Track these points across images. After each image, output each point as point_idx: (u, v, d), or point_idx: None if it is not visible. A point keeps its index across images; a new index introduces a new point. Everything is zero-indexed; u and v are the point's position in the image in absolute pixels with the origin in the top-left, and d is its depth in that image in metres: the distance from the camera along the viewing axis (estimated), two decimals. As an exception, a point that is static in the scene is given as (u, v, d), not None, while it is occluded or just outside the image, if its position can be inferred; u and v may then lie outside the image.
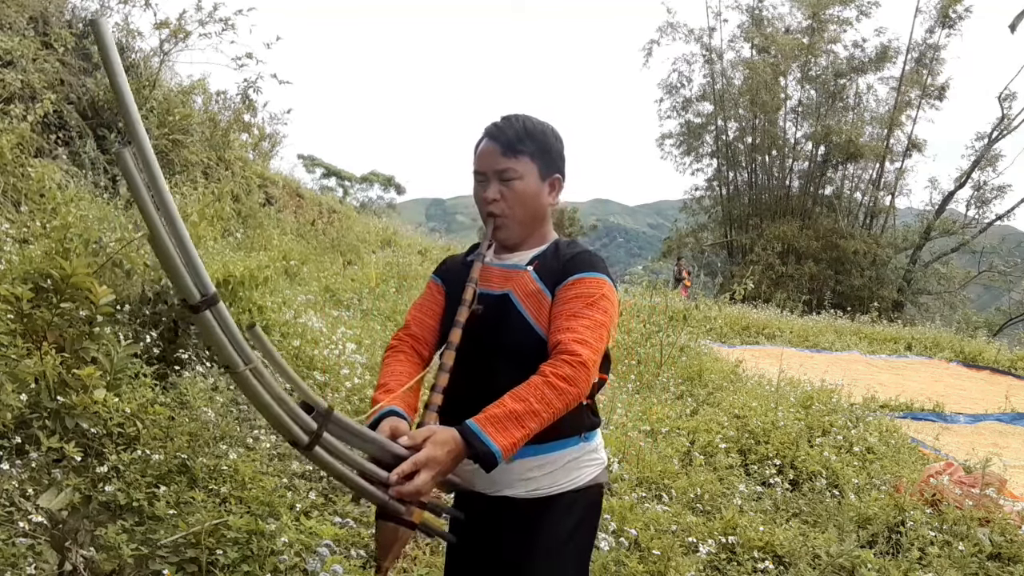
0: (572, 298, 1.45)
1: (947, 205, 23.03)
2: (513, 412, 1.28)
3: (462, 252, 1.75)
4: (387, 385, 1.49)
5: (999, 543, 3.25)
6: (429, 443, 1.23)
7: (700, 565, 2.89)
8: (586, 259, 1.52)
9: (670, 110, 25.73)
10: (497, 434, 1.25)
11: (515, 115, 1.58)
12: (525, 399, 1.30)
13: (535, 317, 1.49)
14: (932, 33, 22.05)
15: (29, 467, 2.44)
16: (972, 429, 6.32)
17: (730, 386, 6.03)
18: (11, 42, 5.66)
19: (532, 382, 1.33)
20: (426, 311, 1.65)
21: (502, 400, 1.31)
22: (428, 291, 1.68)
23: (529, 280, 1.52)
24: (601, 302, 1.45)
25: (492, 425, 1.26)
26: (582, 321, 1.41)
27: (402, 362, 1.56)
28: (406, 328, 1.65)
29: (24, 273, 3.16)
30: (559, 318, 1.44)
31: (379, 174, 32.20)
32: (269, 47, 8.49)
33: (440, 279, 1.68)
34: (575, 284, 1.47)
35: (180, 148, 6.97)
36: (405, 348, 1.60)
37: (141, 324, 3.65)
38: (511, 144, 1.53)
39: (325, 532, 2.50)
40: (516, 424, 1.27)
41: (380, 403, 1.43)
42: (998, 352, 11.49)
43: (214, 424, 3.07)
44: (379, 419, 1.38)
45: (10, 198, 4.73)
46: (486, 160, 1.54)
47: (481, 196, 1.56)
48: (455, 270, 1.65)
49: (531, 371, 1.37)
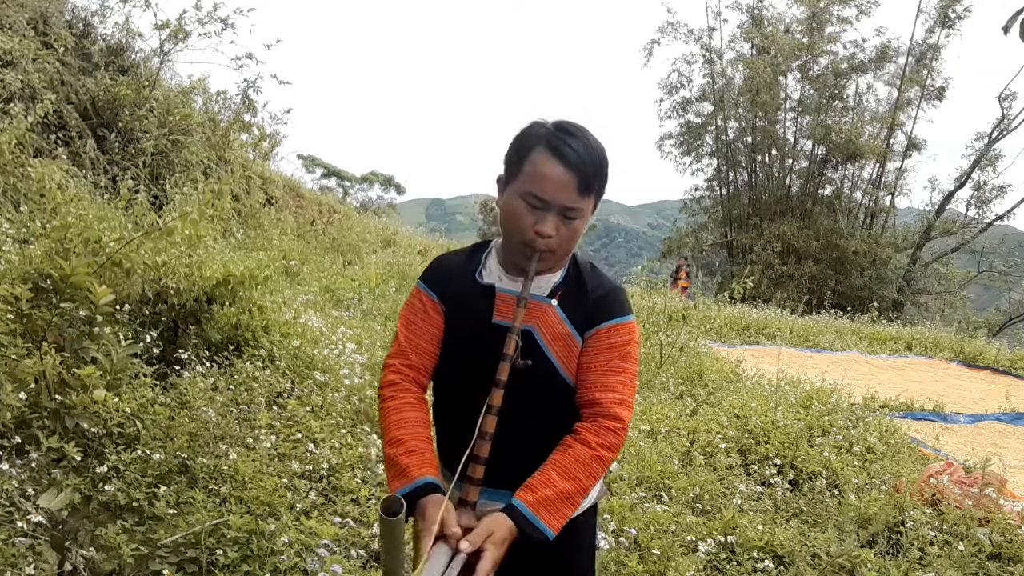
0: (607, 348, 1.36)
1: (947, 205, 23.03)
2: (564, 493, 1.26)
3: (456, 253, 1.53)
4: (405, 442, 1.33)
5: (999, 543, 3.25)
6: (490, 544, 1.19)
7: (700, 565, 2.89)
8: (617, 300, 1.41)
9: (670, 110, 25.76)
10: (552, 518, 1.25)
11: (589, 139, 1.33)
12: (575, 477, 1.27)
13: (563, 363, 1.37)
14: (932, 33, 22.07)
15: (29, 467, 2.45)
16: (972, 429, 6.31)
17: (730, 386, 6.02)
18: (11, 42, 5.66)
19: (580, 456, 1.29)
20: (422, 334, 1.44)
21: (549, 476, 1.27)
22: (421, 307, 1.45)
23: (556, 320, 1.37)
24: (633, 350, 1.39)
25: (546, 509, 1.24)
26: (619, 377, 1.35)
27: (412, 406, 1.39)
28: (402, 355, 1.44)
29: (24, 273, 3.16)
30: (594, 371, 1.35)
31: (379, 174, 32.20)
32: (269, 48, 8.47)
33: (436, 295, 1.45)
34: (610, 333, 1.37)
35: (180, 148, 6.97)
36: (409, 386, 1.42)
37: (141, 324, 3.65)
38: (589, 182, 1.31)
39: (325, 532, 2.50)
40: (567, 504, 1.27)
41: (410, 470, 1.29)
42: (998, 352, 11.48)
43: (214, 424, 3.08)
44: (416, 492, 1.27)
45: (10, 198, 4.73)
46: (558, 192, 1.29)
47: (530, 224, 1.31)
48: (456, 285, 1.44)
49: (553, 418, 1.35)
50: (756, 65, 22.47)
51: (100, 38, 7.11)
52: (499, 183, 1.42)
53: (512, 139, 1.39)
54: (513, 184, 1.34)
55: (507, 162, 1.38)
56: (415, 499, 1.25)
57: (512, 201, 1.33)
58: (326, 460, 3.12)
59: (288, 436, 3.30)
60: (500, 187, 1.41)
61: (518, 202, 1.32)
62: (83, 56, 6.71)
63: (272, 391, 3.75)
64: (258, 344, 4.12)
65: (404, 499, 1.21)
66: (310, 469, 3.06)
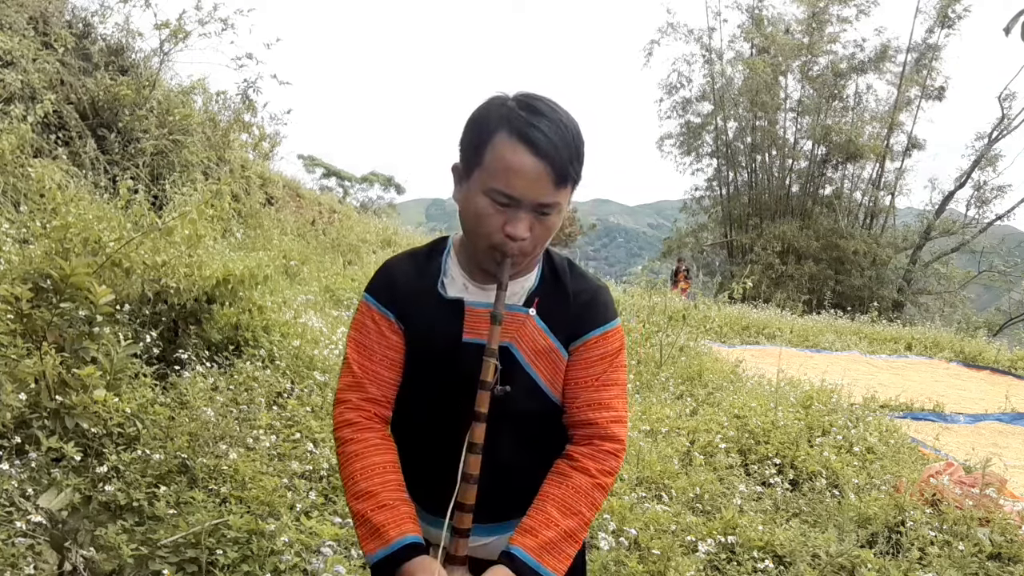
0: (597, 360, 1.22)
1: (947, 205, 23.05)
2: (567, 532, 1.14)
3: (408, 258, 1.29)
4: (375, 495, 1.15)
5: (999, 543, 3.25)
6: None
7: (700, 565, 2.89)
8: (603, 303, 1.25)
9: (670, 110, 25.79)
10: (557, 562, 1.13)
11: (560, 116, 1.11)
12: (577, 511, 1.15)
13: (548, 381, 1.22)
14: (932, 33, 22.09)
15: (29, 467, 2.45)
16: (972, 429, 6.31)
17: (730, 386, 6.02)
18: (11, 42, 5.66)
19: (579, 486, 1.16)
20: (379, 360, 1.23)
21: (549, 515, 1.14)
22: (375, 328, 1.23)
23: (537, 333, 1.20)
24: (622, 357, 1.26)
25: (550, 554, 1.12)
26: (612, 391, 1.22)
27: (377, 448, 1.20)
28: (358, 388, 1.22)
29: (24, 273, 3.16)
30: (585, 388, 1.22)
31: (379, 174, 32.21)
32: (269, 47, 8.48)
33: (391, 312, 1.23)
34: (599, 343, 1.23)
35: (180, 148, 6.97)
36: (371, 423, 1.22)
37: (141, 324, 3.66)
38: (565, 172, 1.10)
39: (325, 532, 2.50)
40: (571, 543, 1.15)
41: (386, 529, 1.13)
42: (998, 352, 11.48)
43: (214, 424, 3.08)
44: (398, 556, 1.11)
45: (10, 198, 4.73)
46: (530, 187, 1.08)
47: (499, 226, 1.11)
48: (415, 300, 1.22)
49: (540, 442, 1.24)
50: (756, 65, 22.48)
51: (100, 38, 7.11)
52: (455, 173, 1.18)
53: (468, 120, 1.16)
54: (474, 177, 1.12)
55: (464, 149, 1.15)
56: (398, 563, 1.10)
57: (475, 198, 1.12)
58: (326, 460, 3.12)
59: (288, 436, 3.30)
60: (457, 177, 1.18)
61: (482, 200, 1.11)
62: (83, 56, 6.71)
63: (272, 391, 3.75)
64: (258, 344, 4.12)
65: (384, 563, 1.10)
66: (310, 469, 3.06)
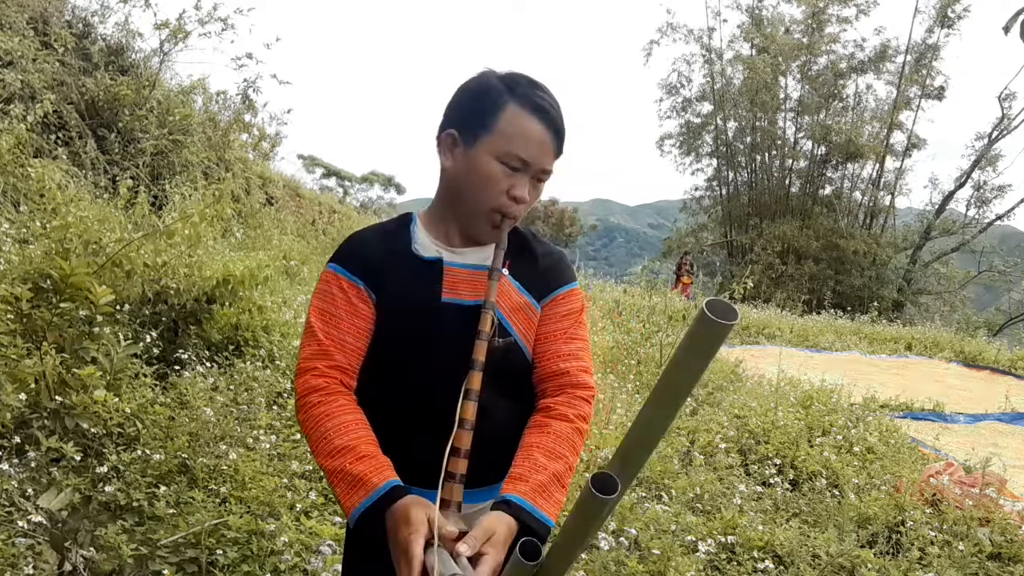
0: (565, 315, 1.30)
1: (947, 205, 23.05)
2: (555, 475, 1.17)
3: (376, 229, 1.33)
4: (353, 448, 1.13)
5: (999, 543, 3.25)
6: (490, 546, 1.03)
7: (700, 565, 2.89)
8: (567, 265, 1.36)
9: (670, 110, 25.82)
10: (548, 505, 1.14)
11: (552, 93, 1.23)
12: (562, 455, 1.18)
13: (524, 337, 1.27)
14: (931, 33, 22.09)
15: (29, 467, 2.45)
16: (972, 429, 6.31)
17: (730, 386, 6.02)
18: (11, 42, 5.66)
19: (560, 432, 1.20)
20: (347, 329, 1.21)
21: (535, 459, 1.16)
22: (343, 296, 1.22)
23: (512, 290, 1.26)
24: (584, 315, 1.35)
25: (542, 497, 1.14)
26: (578, 343, 1.30)
27: (347, 408, 1.18)
28: (325, 356, 1.20)
29: (24, 273, 3.16)
30: (555, 341, 1.28)
31: (379, 174, 32.22)
32: (269, 47, 8.48)
33: (361, 280, 1.23)
34: (567, 298, 1.31)
35: (180, 148, 6.97)
36: (339, 388, 1.20)
37: (141, 324, 3.66)
38: (563, 142, 1.24)
39: (325, 532, 2.50)
40: (559, 487, 1.17)
41: (369, 477, 1.10)
42: (998, 352, 11.48)
43: (214, 424, 3.08)
44: (385, 500, 1.08)
45: (10, 198, 4.73)
46: (541, 154, 1.20)
47: (505, 188, 1.20)
48: (388, 265, 1.24)
49: (514, 400, 1.27)
50: (756, 65, 22.50)
51: (100, 38, 7.11)
52: (447, 141, 1.23)
53: (464, 91, 1.23)
54: (482, 143, 1.19)
55: (465, 117, 1.21)
56: (384, 508, 1.07)
57: (483, 162, 1.19)
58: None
59: (288, 436, 3.30)
60: (449, 146, 1.23)
61: (494, 164, 1.18)
62: (83, 56, 6.71)
63: (272, 391, 3.75)
64: (258, 344, 4.12)
65: (370, 512, 1.07)
66: (310, 469, 3.06)
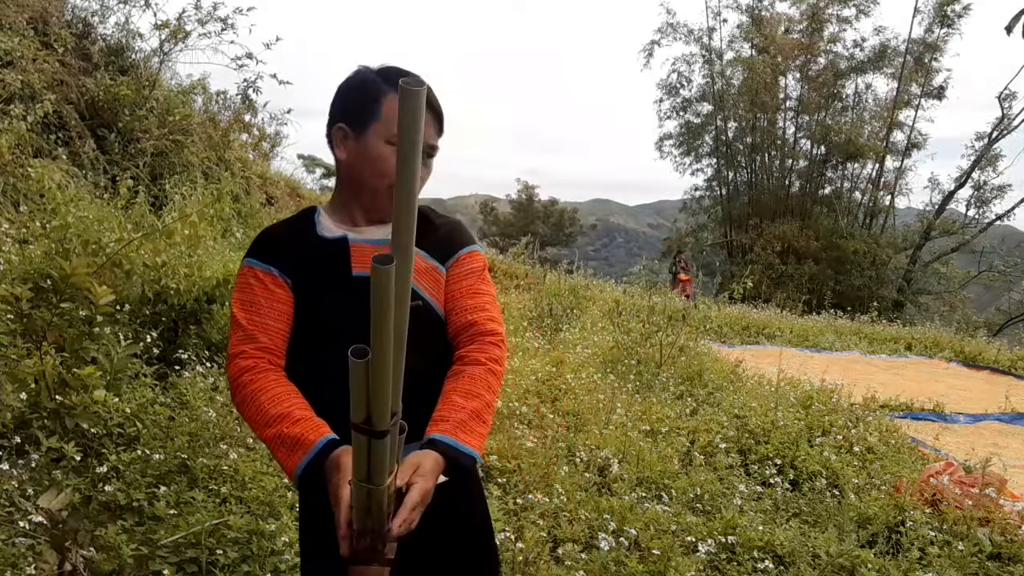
0: (468, 273, 1.43)
1: (947, 205, 23.05)
2: (474, 412, 1.26)
3: (282, 223, 1.48)
4: (288, 415, 1.21)
5: (999, 543, 3.25)
6: (418, 476, 1.13)
7: (700, 565, 2.89)
8: (465, 230, 1.50)
9: (670, 110, 25.79)
10: (471, 439, 1.23)
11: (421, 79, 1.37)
12: (478, 394, 1.28)
13: (433, 296, 1.40)
14: (931, 32, 22.08)
15: (29, 467, 2.45)
16: (972, 429, 6.31)
17: (730, 386, 6.02)
18: (11, 42, 5.66)
19: (474, 374, 1.30)
20: (268, 313, 1.32)
21: (453, 401, 1.26)
22: (260, 285, 1.34)
23: (418, 257, 1.37)
24: (487, 273, 1.47)
25: (463, 432, 1.23)
26: (484, 298, 1.42)
27: (278, 382, 1.27)
28: (250, 340, 1.30)
29: (24, 273, 3.16)
30: (462, 296, 1.41)
31: (379, 174, 32.17)
32: (269, 47, 8.45)
33: (276, 268, 1.35)
34: (469, 258, 1.45)
35: (180, 148, 6.97)
36: (268, 367, 1.29)
37: (141, 324, 3.66)
38: (442, 122, 1.40)
39: (325, 532, 2.50)
40: (480, 422, 1.26)
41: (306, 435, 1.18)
42: (998, 352, 11.47)
43: (214, 424, 3.08)
44: (323, 454, 1.17)
45: (10, 198, 4.73)
46: (428, 132, 1.35)
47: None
48: (298, 250, 1.37)
49: (433, 354, 1.35)
50: (756, 65, 22.49)
51: (100, 38, 7.10)
52: (338, 135, 1.39)
53: (346, 88, 1.39)
54: (371, 131, 1.35)
55: (353, 110, 1.37)
56: (323, 463, 1.15)
57: (375, 147, 1.35)
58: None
59: (288, 436, 3.29)
60: (341, 138, 1.38)
61: (385, 147, 1.35)
62: (83, 56, 6.71)
63: (272, 391, 3.74)
64: (258, 344, 4.11)
65: (311, 467, 1.15)
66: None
